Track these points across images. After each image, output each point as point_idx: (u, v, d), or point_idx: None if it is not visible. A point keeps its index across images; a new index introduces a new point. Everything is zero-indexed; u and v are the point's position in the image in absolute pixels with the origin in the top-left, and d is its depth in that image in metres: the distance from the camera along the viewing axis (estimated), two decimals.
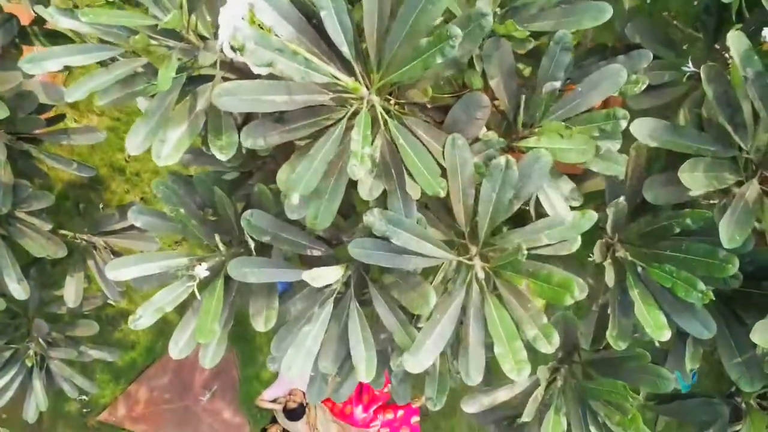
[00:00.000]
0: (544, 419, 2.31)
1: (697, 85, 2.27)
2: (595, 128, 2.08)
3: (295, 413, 5.51)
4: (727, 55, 2.49)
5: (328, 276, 2.18)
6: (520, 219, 2.27)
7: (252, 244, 2.26)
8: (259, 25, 1.82)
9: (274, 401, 5.64)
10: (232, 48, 1.98)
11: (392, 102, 2.13)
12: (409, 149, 1.86)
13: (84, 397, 5.74)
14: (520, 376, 2.04)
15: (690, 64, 2.29)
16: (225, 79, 2.03)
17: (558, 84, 2.03)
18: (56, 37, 3.13)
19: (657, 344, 2.33)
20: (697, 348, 2.25)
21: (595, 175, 2.47)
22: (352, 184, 2.08)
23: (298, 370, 2.24)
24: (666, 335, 2.08)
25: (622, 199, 2.13)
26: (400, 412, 5.74)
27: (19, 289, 3.11)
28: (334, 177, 2.00)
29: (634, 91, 2.05)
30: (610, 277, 2.16)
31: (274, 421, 5.67)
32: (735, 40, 1.90)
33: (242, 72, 2.09)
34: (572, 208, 2.27)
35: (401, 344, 2.22)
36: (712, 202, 2.19)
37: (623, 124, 2.04)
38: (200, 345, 2.39)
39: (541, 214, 2.26)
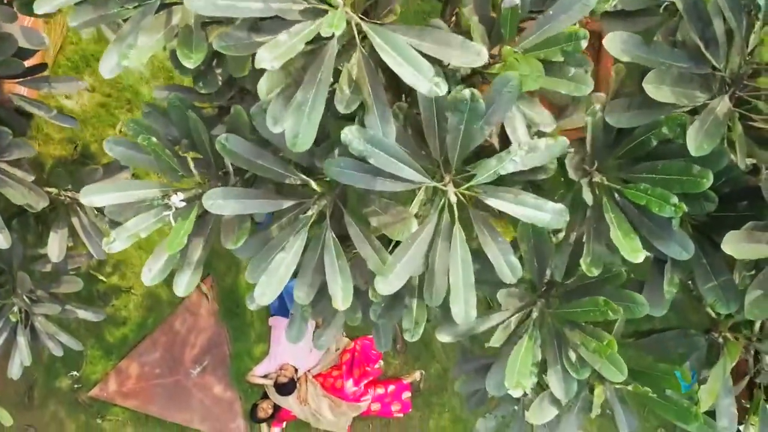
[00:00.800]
0: (515, 346, 2.30)
1: (673, 15, 2.26)
2: (558, 50, 2.09)
3: (285, 388, 5.51)
4: None
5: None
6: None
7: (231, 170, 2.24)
8: None
9: (265, 377, 5.65)
10: None
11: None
12: (394, 52, 1.80)
13: (75, 372, 5.74)
14: (466, 319, 2.11)
15: None
16: None
17: (518, 0, 2.04)
18: None
19: (631, 275, 2.33)
20: (674, 273, 2.24)
21: (577, 109, 2.47)
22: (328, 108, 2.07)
23: (270, 296, 2.23)
24: (640, 257, 2.07)
25: (598, 107, 2.11)
26: (391, 387, 5.71)
27: (0, 239, 3.09)
28: (314, 89, 1.93)
29: (604, 8, 2.04)
30: (588, 198, 2.15)
31: (265, 396, 5.67)
32: None
33: None
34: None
35: (375, 270, 2.21)
36: None
37: (584, 44, 2.05)
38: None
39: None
